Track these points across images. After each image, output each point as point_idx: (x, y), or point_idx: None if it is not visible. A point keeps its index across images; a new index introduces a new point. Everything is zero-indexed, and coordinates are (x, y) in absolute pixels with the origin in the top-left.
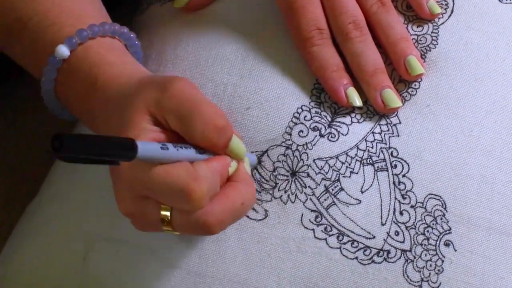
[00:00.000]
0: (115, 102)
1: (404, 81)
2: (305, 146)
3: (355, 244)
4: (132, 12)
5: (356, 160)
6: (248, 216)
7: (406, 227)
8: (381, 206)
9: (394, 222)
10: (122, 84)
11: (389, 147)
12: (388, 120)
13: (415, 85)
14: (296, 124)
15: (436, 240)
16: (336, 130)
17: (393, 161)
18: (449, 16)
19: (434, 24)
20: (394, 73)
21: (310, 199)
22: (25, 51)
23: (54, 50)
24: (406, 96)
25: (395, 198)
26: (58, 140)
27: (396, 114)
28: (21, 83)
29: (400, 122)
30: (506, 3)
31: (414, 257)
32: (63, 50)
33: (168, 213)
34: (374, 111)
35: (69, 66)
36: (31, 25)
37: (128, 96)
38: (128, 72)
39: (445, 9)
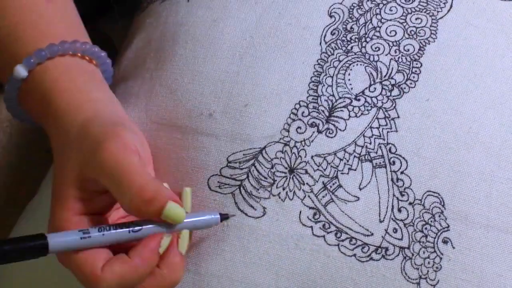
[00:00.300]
0: (59, 145)
1: (402, 71)
2: (303, 142)
3: (353, 241)
4: (132, 11)
5: (354, 156)
6: (246, 214)
7: (404, 224)
8: (379, 203)
9: (392, 219)
10: (68, 122)
11: (387, 143)
12: (386, 113)
13: (413, 77)
14: (294, 120)
15: (434, 238)
16: (334, 125)
17: (391, 158)
18: (448, 11)
19: (432, 17)
20: (392, 63)
21: (308, 196)
22: None
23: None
24: (405, 88)
25: (394, 195)
26: None
27: (394, 107)
28: None
29: (398, 116)
30: (505, 0)
31: (412, 255)
32: (21, 71)
33: None
34: (372, 103)
35: (27, 86)
36: (0, 37)
37: (67, 147)
38: (77, 105)
39: (444, 3)
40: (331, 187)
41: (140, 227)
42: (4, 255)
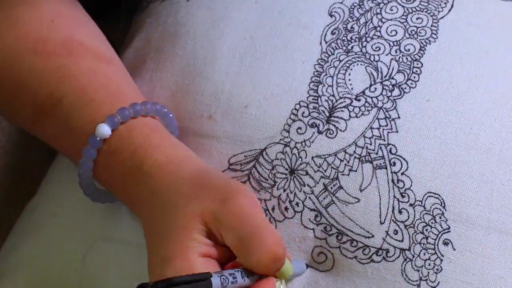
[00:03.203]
0: (163, 197)
1: (403, 71)
2: (303, 143)
3: (354, 243)
4: (132, 10)
5: (355, 157)
6: None
7: (405, 226)
8: (380, 204)
9: (393, 220)
10: (171, 172)
11: (388, 144)
12: (387, 114)
13: (414, 77)
14: (294, 121)
15: (435, 239)
16: (334, 126)
17: (392, 159)
18: (449, 11)
19: (433, 17)
20: (393, 63)
21: (309, 197)
22: (58, 131)
23: (94, 129)
24: (406, 88)
25: (394, 197)
26: None
27: (395, 108)
28: None
29: (399, 117)
30: (506, 0)
31: (413, 256)
32: (105, 129)
33: None
34: (373, 103)
35: (110, 147)
36: (66, 103)
37: (180, 195)
38: (178, 159)
39: (445, 3)
40: (331, 188)
41: (254, 276)
42: None
